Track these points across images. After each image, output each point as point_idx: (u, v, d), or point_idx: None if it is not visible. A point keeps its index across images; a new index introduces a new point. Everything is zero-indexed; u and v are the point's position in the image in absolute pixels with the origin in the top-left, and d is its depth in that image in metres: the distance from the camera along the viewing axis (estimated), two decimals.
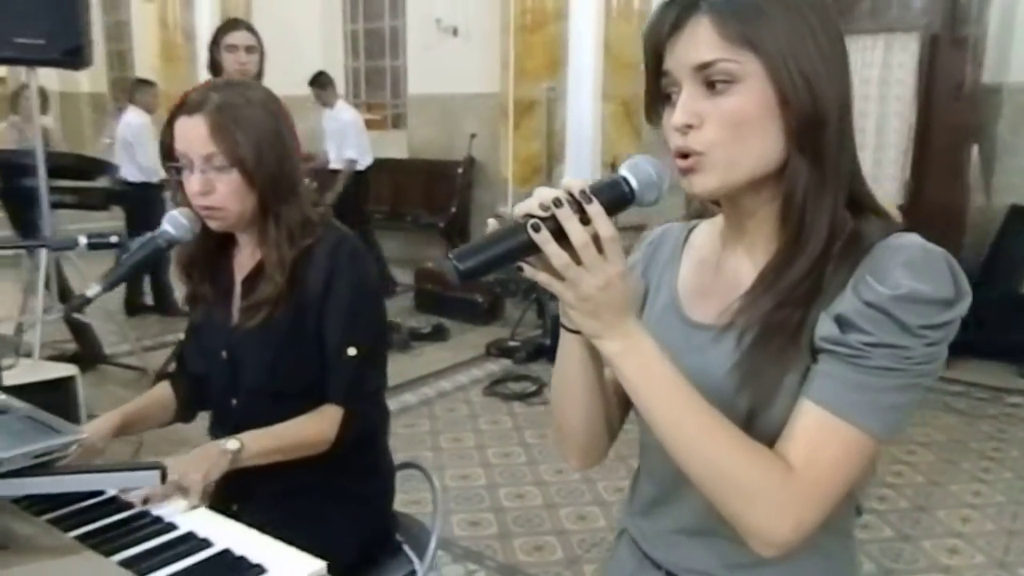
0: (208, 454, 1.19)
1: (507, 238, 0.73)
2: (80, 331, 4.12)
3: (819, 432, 0.77)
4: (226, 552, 0.96)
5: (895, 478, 3.20)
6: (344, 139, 5.78)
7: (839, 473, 0.78)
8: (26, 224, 3.64)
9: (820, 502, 0.77)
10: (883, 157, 4.62)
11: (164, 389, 1.48)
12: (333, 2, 7.79)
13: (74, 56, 3.35)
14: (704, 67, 0.78)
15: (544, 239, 0.72)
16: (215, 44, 3.11)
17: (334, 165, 5.88)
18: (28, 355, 3.34)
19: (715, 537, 0.86)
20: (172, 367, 1.53)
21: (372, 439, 1.46)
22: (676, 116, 0.80)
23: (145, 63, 8.80)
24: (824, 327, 0.78)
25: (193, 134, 1.27)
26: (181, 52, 8.37)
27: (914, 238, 0.80)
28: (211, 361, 1.41)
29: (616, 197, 0.76)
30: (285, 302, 1.31)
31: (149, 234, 1.18)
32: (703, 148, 0.79)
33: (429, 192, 6.68)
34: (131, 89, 5.82)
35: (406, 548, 1.48)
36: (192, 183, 1.28)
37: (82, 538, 0.98)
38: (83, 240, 1.18)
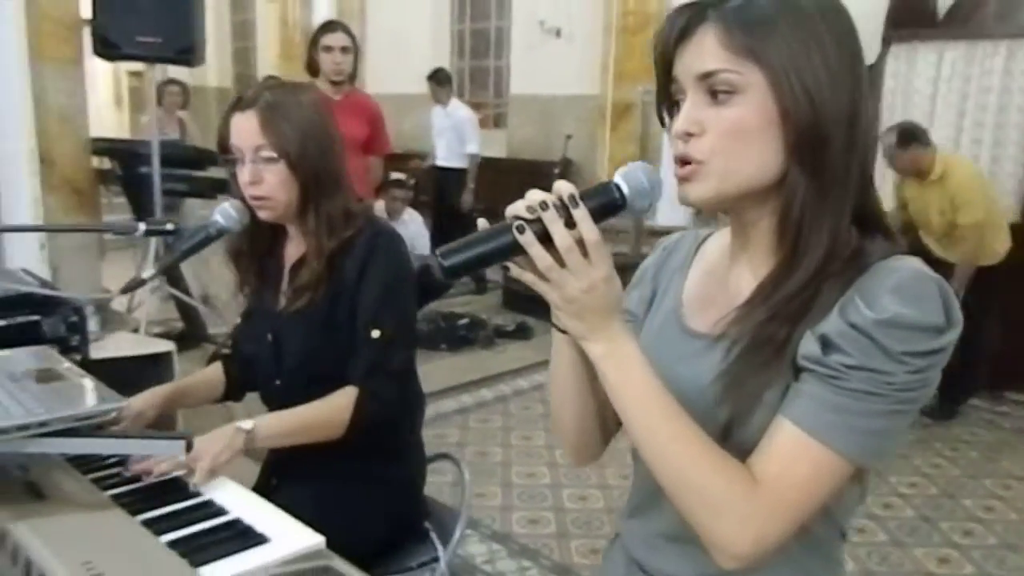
0: (223, 435, 1.26)
1: (493, 238, 0.75)
2: (187, 312, 4.40)
3: (791, 450, 0.76)
4: (236, 521, 1.04)
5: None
6: (463, 135, 5.91)
7: (807, 492, 0.77)
8: (142, 208, 3.93)
9: (784, 519, 0.76)
10: (999, 171, 4.33)
11: (216, 369, 1.59)
12: (442, 3, 7.98)
13: (187, 54, 3.60)
14: (707, 76, 0.78)
15: (528, 241, 0.74)
16: (313, 44, 3.28)
17: (443, 162, 6.00)
18: (135, 330, 3.62)
19: (690, 544, 0.86)
20: (226, 350, 1.63)
21: (398, 425, 1.51)
22: (677, 123, 0.81)
23: (266, 60, 9.27)
24: (807, 345, 0.77)
25: (245, 128, 1.37)
26: (299, 50, 8.76)
27: (911, 262, 0.79)
28: (259, 344, 1.50)
29: (606, 202, 0.78)
30: (324, 289, 1.38)
31: (202, 223, 1.27)
32: (702, 156, 0.80)
33: (525, 191, 6.72)
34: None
35: (433, 535, 1.53)
36: (243, 174, 1.38)
37: (116, 496, 1.07)
38: (142, 227, 1.29)
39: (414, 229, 5.08)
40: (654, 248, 1.07)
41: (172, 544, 0.95)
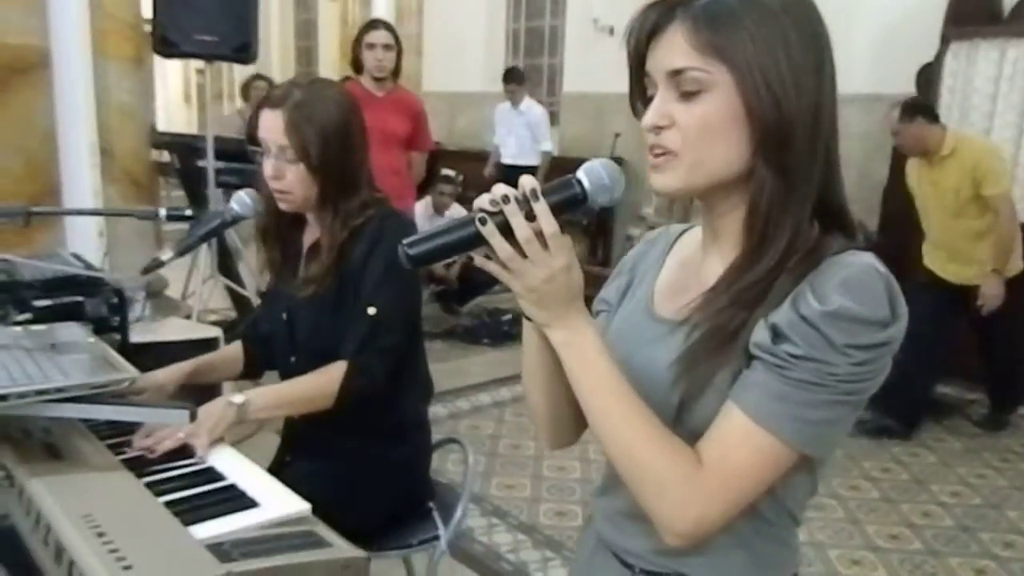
0: (215, 409, 1.32)
1: (458, 229, 0.80)
2: (240, 302, 4.57)
3: (735, 435, 0.79)
4: (231, 487, 1.11)
5: None
6: (537, 133, 5.98)
7: (748, 477, 0.79)
8: (197, 199, 4.10)
9: (724, 502, 0.79)
10: None
11: (236, 347, 1.67)
12: (498, 2, 8.05)
13: (242, 52, 3.73)
14: (676, 73, 0.81)
15: (490, 232, 0.78)
16: (357, 42, 3.37)
17: (513, 160, 6.01)
18: (188, 316, 3.79)
19: (646, 522, 0.89)
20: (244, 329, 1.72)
21: (401, 407, 1.57)
22: (648, 116, 0.84)
23: (328, 59, 9.51)
24: (759, 333, 0.80)
25: (272, 125, 1.44)
26: None
27: (863, 257, 0.80)
28: (275, 323, 1.58)
29: (567, 197, 0.82)
30: (333, 274, 1.45)
31: (218, 209, 1.35)
32: (674, 147, 0.83)
33: None
34: None
35: (435, 514, 1.58)
36: (267, 167, 1.46)
37: (127, 460, 1.16)
38: (163, 212, 1.38)
39: None
40: (638, 240, 1.10)
41: (169, 504, 1.02)
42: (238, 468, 1.17)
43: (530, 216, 0.79)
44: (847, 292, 0.76)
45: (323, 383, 1.45)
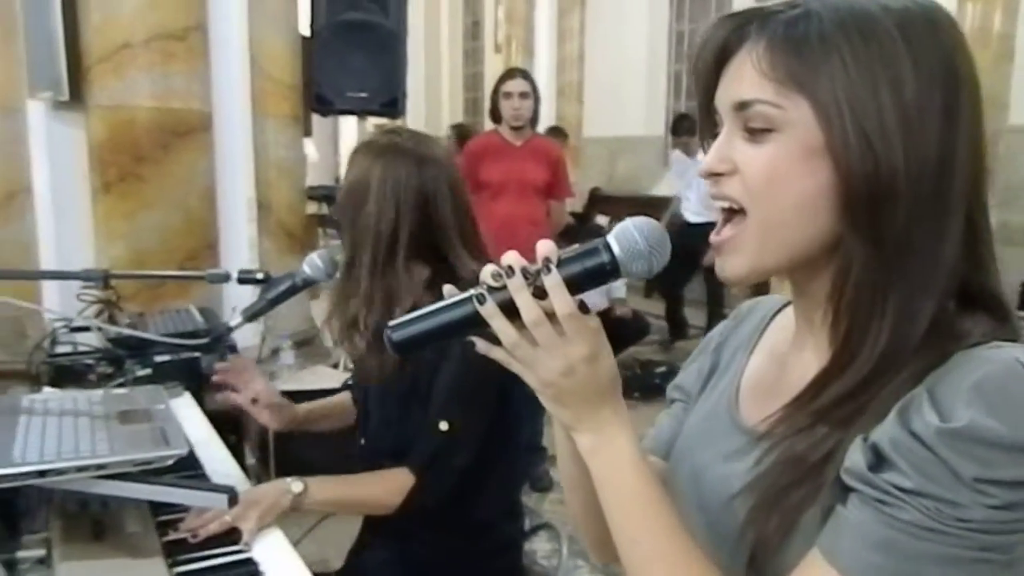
0: (271, 493, 1.22)
1: (452, 308, 0.65)
2: None
3: None
4: None
5: None
6: None
7: None
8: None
9: None
10: None
11: (346, 396, 1.58)
12: (659, 44, 7.90)
13: (390, 107, 3.82)
14: (743, 107, 0.63)
15: (490, 312, 0.64)
16: (495, 92, 3.34)
17: (695, 217, 5.18)
18: (335, 365, 3.86)
19: None
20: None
21: (483, 503, 1.39)
22: (705, 160, 0.66)
23: None
24: (853, 455, 0.58)
25: None
26: None
27: (1012, 351, 0.56)
28: (358, 391, 1.48)
29: (591, 268, 0.65)
30: (402, 370, 1.30)
31: (289, 273, 1.29)
32: (742, 200, 0.64)
33: None
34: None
35: None
36: None
37: (169, 543, 1.09)
38: (234, 275, 1.33)
39: None
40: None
41: None
42: (280, 563, 1.07)
43: (541, 292, 0.63)
44: (983, 401, 0.53)
45: (384, 493, 1.31)
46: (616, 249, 0.64)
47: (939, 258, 0.60)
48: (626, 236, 0.65)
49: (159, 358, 1.95)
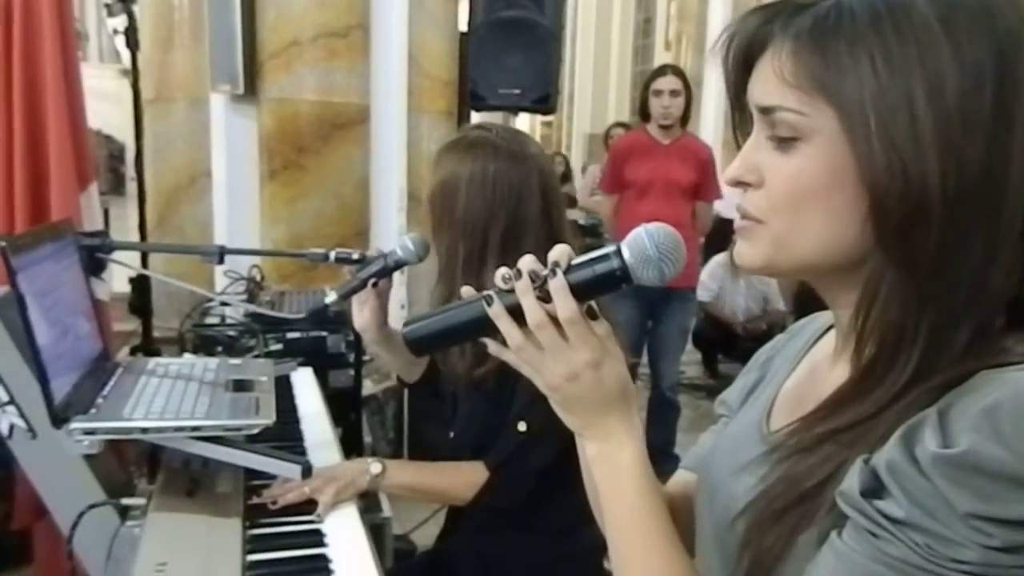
0: (350, 471, 1.26)
1: (465, 309, 0.67)
2: None
3: None
4: (321, 556, 1.05)
5: None
6: None
7: None
8: None
9: None
10: None
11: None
12: None
13: (542, 103, 3.84)
14: (767, 112, 0.58)
15: (497, 314, 0.65)
16: (645, 89, 3.27)
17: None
18: None
19: None
20: None
21: (563, 503, 1.35)
22: (731, 167, 0.62)
23: None
24: (851, 478, 0.52)
25: None
26: None
27: None
28: (446, 385, 1.50)
29: (601, 274, 0.64)
30: (488, 366, 1.28)
31: (383, 252, 1.33)
32: (761, 215, 0.60)
33: None
34: None
35: None
36: None
37: (252, 507, 1.17)
38: (332, 255, 1.40)
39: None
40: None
41: (253, 564, 1.00)
42: (345, 538, 1.12)
43: (549, 296, 0.62)
44: (989, 427, 0.46)
45: (460, 485, 1.33)
46: (627, 255, 0.63)
47: (984, 285, 0.52)
48: (637, 242, 0.63)
49: (291, 334, 2.10)
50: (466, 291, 0.68)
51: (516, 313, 0.64)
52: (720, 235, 3.95)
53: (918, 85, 0.51)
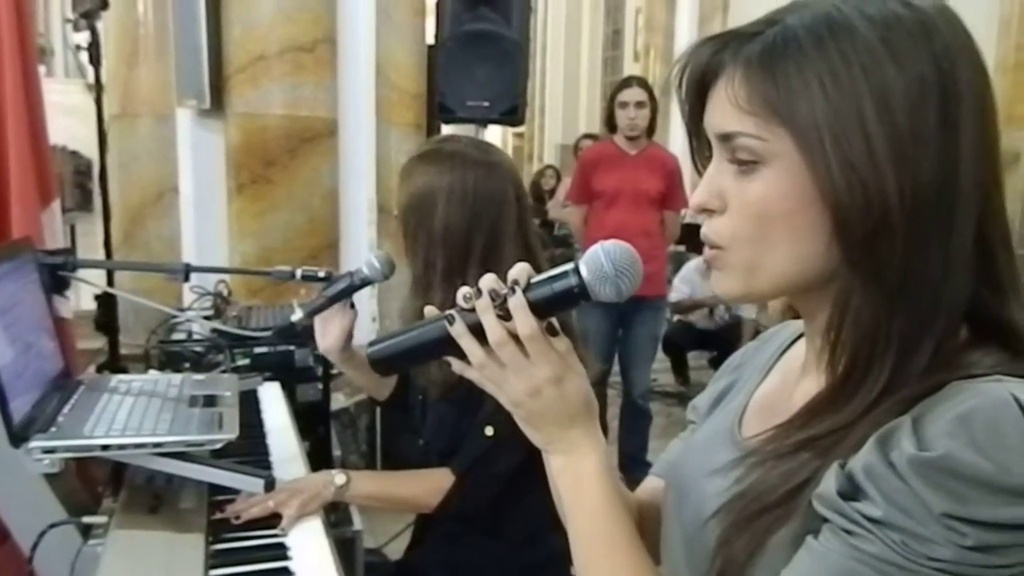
0: (312, 484, 1.26)
1: (427, 328, 0.68)
2: None
3: None
4: (284, 570, 1.06)
5: None
6: None
7: None
8: None
9: None
10: None
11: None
12: None
13: (511, 115, 3.86)
14: (726, 139, 0.60)
15: (459, 332, 0.66)
16: (611, 100, 3.31)
17: None
18: None
19: None
20: None
21: (528, 508, 1.37)
22: (695, 193, 0.64)
23: None
24: (827, 481, 0.54)
25: None
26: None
27: (1008, 386, 0.51)
28: (414, 393, 1.51)
29: (559, 292, 0.65)
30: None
31: (348, 272, 1.34)
32: (722, 242, 0.62)
33: None
34: None
35: None
36: None
37: (215, 522, 1.17)
38: (299, 272, 1.40)
39: None
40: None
41: None
42: (310, 551, 1.12)
43: (509, 314, 0.64)
44: (964, 434, 0.48)
45: (426, 492, 1.33)
46: (584, 272, 0.65)
47: (946, 287, 0.55)
48: (594, 260, 0.64)
49: (258, 349, 2.09)
50: (429, 311, 0.69)
51: (478, 331, 0.65)
52: (696, 240, 3.99)
53: (867, 103, 0.54)
